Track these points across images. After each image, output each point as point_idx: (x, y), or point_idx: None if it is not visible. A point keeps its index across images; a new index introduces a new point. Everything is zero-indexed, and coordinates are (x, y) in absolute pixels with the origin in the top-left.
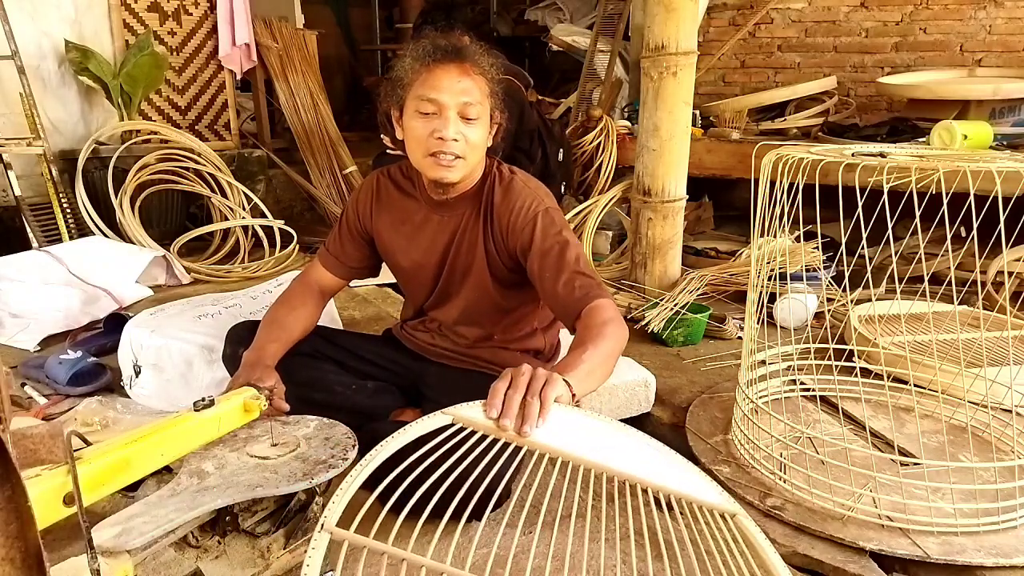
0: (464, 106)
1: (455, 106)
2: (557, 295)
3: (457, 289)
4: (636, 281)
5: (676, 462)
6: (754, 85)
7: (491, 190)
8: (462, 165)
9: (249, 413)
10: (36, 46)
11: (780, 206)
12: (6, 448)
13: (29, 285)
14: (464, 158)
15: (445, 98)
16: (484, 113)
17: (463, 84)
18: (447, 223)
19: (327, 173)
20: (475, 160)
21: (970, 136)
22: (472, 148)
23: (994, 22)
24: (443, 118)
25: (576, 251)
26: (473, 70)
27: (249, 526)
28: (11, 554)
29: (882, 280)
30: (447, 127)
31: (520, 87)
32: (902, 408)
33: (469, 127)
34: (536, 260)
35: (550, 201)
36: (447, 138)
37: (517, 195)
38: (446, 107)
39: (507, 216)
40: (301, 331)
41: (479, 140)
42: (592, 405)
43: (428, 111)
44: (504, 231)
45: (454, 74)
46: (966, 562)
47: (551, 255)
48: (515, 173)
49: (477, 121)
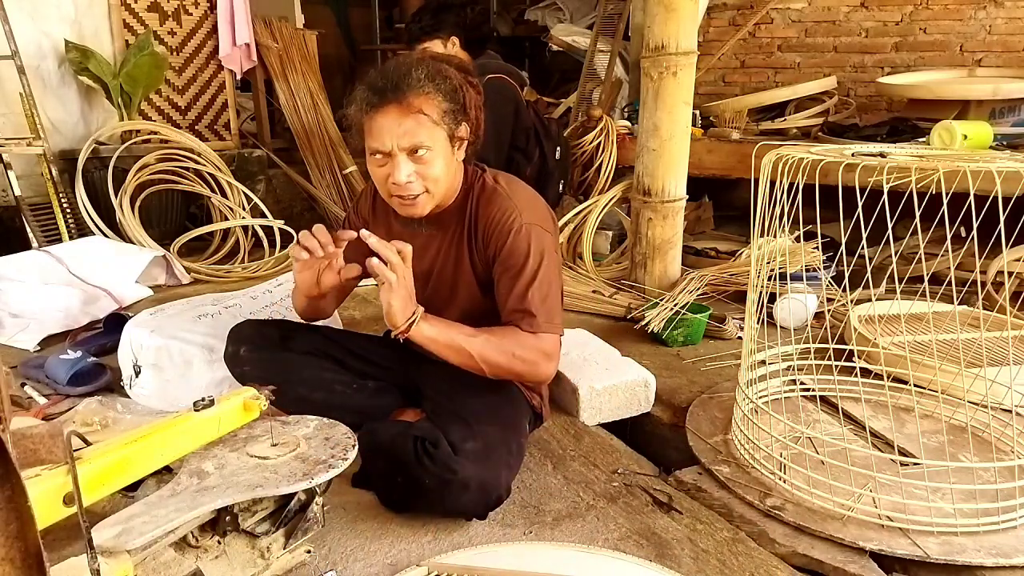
0: (411, 146)
1: (401, 149)
2: (503, 313)
3: (447, 300)
4: (636, 281)
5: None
6: (754, 85)
7: (475, 201)
8: (427, 199)
9: (249, 413)
10: (36, 46)
11: (780, 206)
12: (6, 448)
13: (29, 285)
14: (428, 192)
15: (388, 144)
16: (436, 143)
17: (405, 125)
18: (433, 236)
19: (327, 173)
20: (442, 189)
21: (970, 136)
22: (433, 181)
23: (994, 22)
24: (393, 163)
25: (533, 278)
26: (416, 104)
27: (249, 526)
28: (11, 554)
29: (882, 280)
30: (397, 171)
31: (515, 86)
32: (902, 408)
33: (423, 164)
34: (498, 270)
35: (533, 216)
36: (400, 182)
37: (497, 206)
38: (393, 153)
39: (486, 226)
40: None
41: (438, 172)
42: (592, 405)
43: (378, 158)
44: (484, 240)
45: (393, 117)
46: (966, 562)
47: (510, 272)
48: (499, 182)
49: (429, 154)
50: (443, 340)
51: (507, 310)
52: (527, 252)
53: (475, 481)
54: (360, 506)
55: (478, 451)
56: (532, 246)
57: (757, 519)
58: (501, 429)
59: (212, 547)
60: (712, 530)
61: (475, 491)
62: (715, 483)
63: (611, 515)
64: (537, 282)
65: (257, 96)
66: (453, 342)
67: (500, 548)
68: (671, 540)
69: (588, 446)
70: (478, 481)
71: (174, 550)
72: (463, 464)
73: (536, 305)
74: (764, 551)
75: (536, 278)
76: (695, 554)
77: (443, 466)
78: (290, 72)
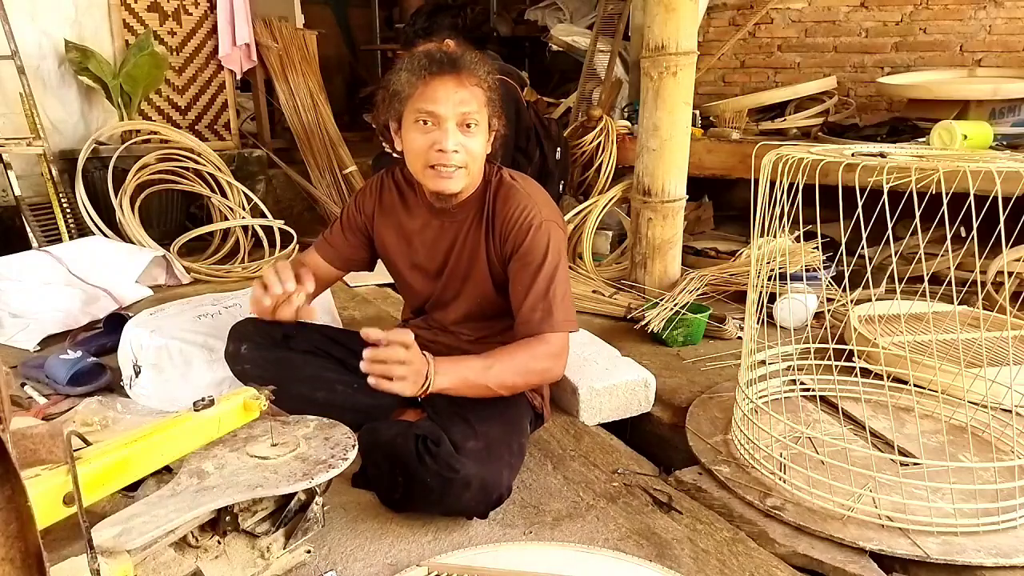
0: (463, 116)
1: (454, 117)
2: (520, 309)
3: (457, 294)
4: (636, 281)
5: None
6: (754, 85)
7: (492, 196)
8: (463, 175)
9: (249, 413)
10: (36, 46)
11: (780, 206)
12: (6, 448)
13: (29, 285)
14: (465, 168)
15: (443, 110)
16: (483, 122)
17: (460, 95)
18: (448, 229)
19: (327, 173)
20: (476, 169)
21: (970, 136)
22: (473, 158)
23: (994, 22)
24: (442, 130)
25: (553, 273)
26: (470, 80)
27: (249, 526)
28: (11, 554)
29: (882, 280)
30: (447, 139)
31: (516, 86)
32: (902, 408)
33: (469, 137)
34: (515, 267)
35: (550, 213)
36: (447, 150)
37: (517, 202)
38: (445, 119)
39: (504, 222)
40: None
41: (479, 149)
42: (592, 405)
43: (427, 123)
44: (502, 236)
45: (451, 86)
46: (966, 562)
47: (528, 269)
48: (516, 179)
49: (476, 130)
50: (458, 385)
51: (526, 306)
52: (546, 249)
53: (477, 480)
54: (360, 506)
55: (480, 450)
56: (551, 243)
57: (757, 519)
58: (503, 428)
59: (212, 547)
60: (712, 530)
61: (477, 490)
62: (715, 483)
63: (611, 515)
64: (557, 279)
65: (257, 96)
66: (468, 381)
67: (500, 548)
68: (671, 540)
69: (588, 446)
70: (480, 480)
71: (174, 550)
72: (465, 463)
73: (557, 302)
74: (764, 551)
75: (556, 275)
76: (695, 554)
77: (445, 465)
78: (290, 72)
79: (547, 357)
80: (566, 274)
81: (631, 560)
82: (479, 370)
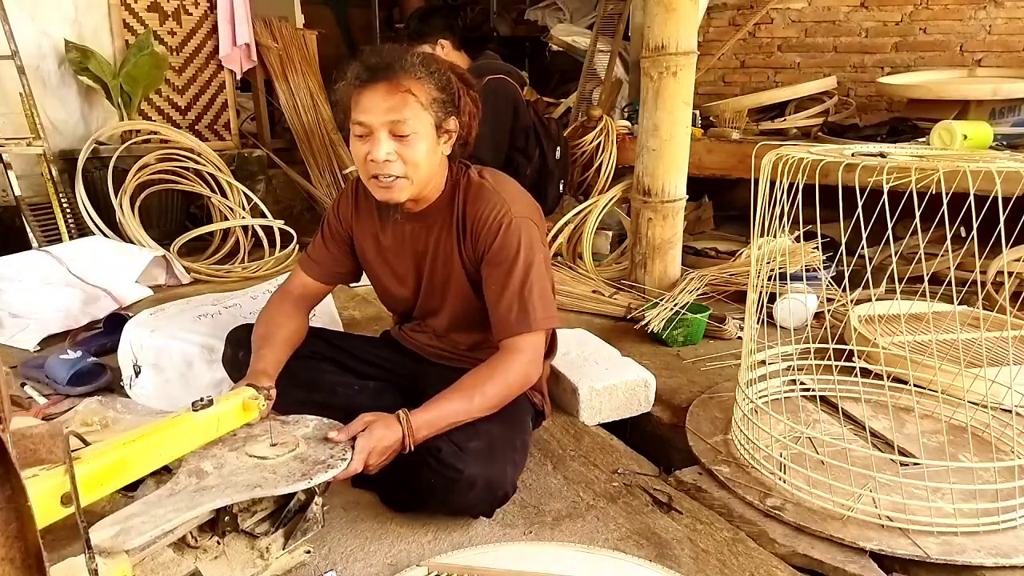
0: (393, 124)
1: (383, 126)
2: (495, 310)
3: (440, 300)
4: (636, 281)
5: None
6: (754, 85)
7: (462, 198)
8: (405, 185)
9: (248, 413)
10: (36, 46)
11: (780, 206)
12: (6, 448)
13: (29, 285)
14: (406, 177)
15: (372, 119)
16: (421, 127)
17: (391, 102)
18: (419, 235)
19: (327, 173)
20: (423, 176)
21: (970, 136)
22: (413, 165)
23: (994, 22)
24: (373, 139)
25: (527, 271)
26: (405, 84)
27: (248, 526)
28: (11, 554)
29: (882, 280)
30: (376, 148)
31: (515, 86)
32: (902, 408)
33: (404, 145)
34: (487, 268)
35: (522, 209)
36: (378, 159)
37: (485, 201)
38: (375, 128)
39: (475, 222)
40: (292, 346)
41: (418, 156)
42: (592, 405)
43: (361, 134)
44: (473, 238)
45: (381, 93)
46: (966, 562)
47: (501, 268)
48: (486, 177)
49: (412, 137)
50: (441, 425)
51: (501, 307)
52: (518, 246)
53: (481, 479)
54: (360, 506)
55: (483, 449)
56: (523, 240)
57: (757, 519)
58: (504, 427)
59: (211, 547)
60: (712, 530)
61: (481, 489)
62: (715, 483)
63: (611, 515)
64: (532, 276)
65: (257, 96)
66: (455, 424)
67: (500, 548)
68: (671, 540)
69: (588, 446)
70: (484, 479)
71: (173, 550)
72: (468, 462)
73: (534, 300)
74: (764, 551)
75: (530, 272)
76: (695, 554)
77: (448, 465)
78: (290, 72)
79: (524, 366)
80: (543, 270)
81: (631, 560)
82: (462, 412)
